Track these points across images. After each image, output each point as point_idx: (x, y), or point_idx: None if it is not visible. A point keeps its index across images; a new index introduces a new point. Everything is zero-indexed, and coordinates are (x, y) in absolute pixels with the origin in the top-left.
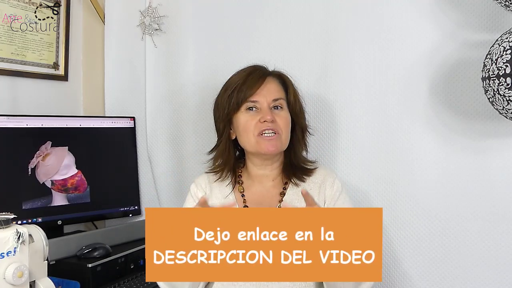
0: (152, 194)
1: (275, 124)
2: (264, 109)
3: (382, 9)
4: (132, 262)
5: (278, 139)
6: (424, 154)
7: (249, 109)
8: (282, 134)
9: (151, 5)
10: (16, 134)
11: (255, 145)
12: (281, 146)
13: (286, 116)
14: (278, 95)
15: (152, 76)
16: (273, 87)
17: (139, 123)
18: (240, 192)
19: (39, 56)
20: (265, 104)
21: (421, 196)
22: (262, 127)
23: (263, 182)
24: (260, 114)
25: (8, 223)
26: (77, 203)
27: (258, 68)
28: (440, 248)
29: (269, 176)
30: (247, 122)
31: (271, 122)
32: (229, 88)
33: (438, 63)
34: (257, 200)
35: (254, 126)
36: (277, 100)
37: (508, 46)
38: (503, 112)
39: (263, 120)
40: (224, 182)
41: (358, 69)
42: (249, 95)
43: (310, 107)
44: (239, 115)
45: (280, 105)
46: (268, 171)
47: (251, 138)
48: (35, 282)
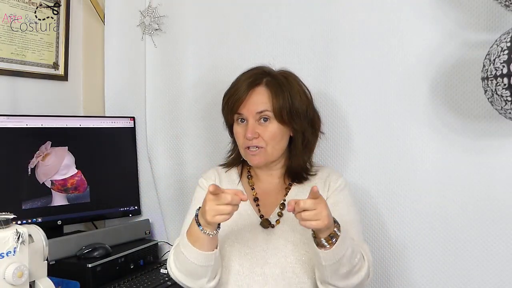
0: (152, 194)
1: (259, 139)
2: (249, 124)
3: (382, 9)
4: (132, 262)
5: (261, 153)
6: (424, 153)
7: (240, 120)
8: (267, 147)
9: (151, 5)
10: (16, 134)
11: (245, 156)
12: (266, 159)
13: (272, 129)
14: (262, 107)
15: (152, 76)
16: (258, 99)
17: (139, 123)
18: (250, 185)
19: (39, 56)
20: (250, 117)
21: (421, 196)
22: (246, 143)
23: (269, 179)
24: (247, 127)
25: (8, 223)
26: (77, 203)
27: (254, 74)
28: (440, 247)
29: (274, 175)
30: (238, 136)
31: (254, 138)
32: (226, 95)
33: (438, 63)
34: (265, 193)
35: (242, 140)
36: (261, 112)
37: (505, 47)
38: (502, 112)
39: (245, 137)
40: (233, 176)
41: (358, 69)
42: (236, 108)
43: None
44: (234, 124)
45: (266, 116)
46: (272, 171)
47: (242, 151)
48: (35, 282)
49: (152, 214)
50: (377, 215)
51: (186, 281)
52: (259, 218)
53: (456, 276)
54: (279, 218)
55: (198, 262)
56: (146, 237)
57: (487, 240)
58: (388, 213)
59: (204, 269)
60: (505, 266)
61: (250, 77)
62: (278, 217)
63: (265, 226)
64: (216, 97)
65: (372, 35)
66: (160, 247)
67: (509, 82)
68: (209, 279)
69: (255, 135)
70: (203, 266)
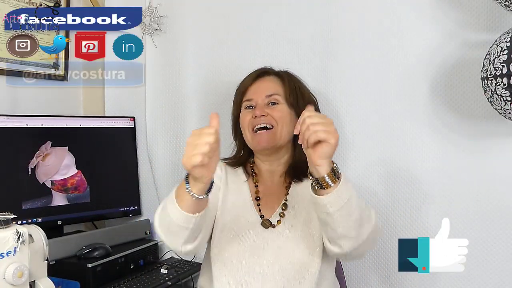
0: (152, 194)
1: (268, 117)
2: (258, 106)
3: (382, 9)
4: (132, 262)
5: (271, 133)
6: (424, 153)
7: (247, 108)
8: (278, 126)
9: (151, 5)
10: (16, 134)
11: (251, 141)
12: (275, 139)
13: (282, 109)
14: (272, 91)
15: (152, 76)
16: (267, 84)
17: (139, 123)
18: (254, 182)
19: (39, 56)
20: (259, 100)
21: (421, 195)
22: (254, 122)
23: (271, 177)
24: (255, 109)
25: (8, 223)
26: (77, 203)
27: (263, 68)
28: None
29: (276, 172)
30: (244, 119)
31: (262, 116)
32: (235, 91)
33: (438, 63)
34: (267, 192)
35: (249, 121)
36: (271, 96)
37: (505, 47)
38: (502, 112)
39: (254, 115)
40: (239, 173)
41: (358, 69)
42: (244, 94)
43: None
44: (241, 114)
45: (275, 101)
46: (274, 167)
47: (247, 135)
48: (35, 282)
49: (152, 214)
50: (377, 215)
51: (163, 237)
52: (259, 218)
53: (456, 276)
54: (280, 219)
55: (177, 220)
56: (146, 237)
57: (487, 240)
58: (388, 213)
59: (180, 229)
60: (505, 266)
61: (257, 70)
62: (279, 217)
63: (266, 226)
64: (216, 97)
65: (372, 35)
66: (160, 247)
67: (508, 82)
68: (184, 242)
69: (263, 113)
70: (180, 226)
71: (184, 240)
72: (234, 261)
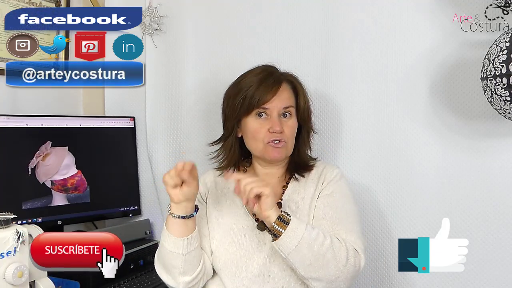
0: (152, 194)
1: (283, 134)
2: (274, 118)
3: (382, 9)
4: (132, 262)
5: (284, 147)
6: (424, 153)
7: (258, 115)
8: (288, 143)
9: (151, 5)
10: (16, 134)
11: (263, 151)
12: (286, 153)
13: (293, 125)
14: (288, 102)
15: (152, 76)
16: (285, 95)
17: (139, 123)
18: None
19: (39, 56)
20: (275, 112)
21: (421, 195)
22: (271, 137)
23: (268, 179)
24: (269, 121)
25: (8, 223)
26: (77, 203)
27: (271, 72)
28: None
29: (274, 174)
30: (257, 130)
31: (280, 133)
32: (242, 91)
33: (438, 63)
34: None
35: (264, 134)
36: (287, 108)
37: (504, 46)
38: (501, 112)
39: (272, 130)
40: (230, 181)
41: (358, 69)
42: (262, 103)
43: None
44: (248, 119)
45: (289, 112)
46: (274, 170)
47: (259, 145)
48: (35, 282)
49: (152, 214)
50: (376, 215)
51: (160, 271)
52: (255, 221)
53: (456, 276)
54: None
55: (168, 246)
56: (146, 237)
57: (487, 240)
58: (388, 213)
59: (173, 257)
60: (505, 267)
61: (269, 75)
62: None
63: (261, 229)
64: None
65: (372, 35)
66: None
67: (508, 82)
68: (180, 272)
69: (282, 130)
70: (172, 253)
71: (180, 271)
72: (232, 268)
